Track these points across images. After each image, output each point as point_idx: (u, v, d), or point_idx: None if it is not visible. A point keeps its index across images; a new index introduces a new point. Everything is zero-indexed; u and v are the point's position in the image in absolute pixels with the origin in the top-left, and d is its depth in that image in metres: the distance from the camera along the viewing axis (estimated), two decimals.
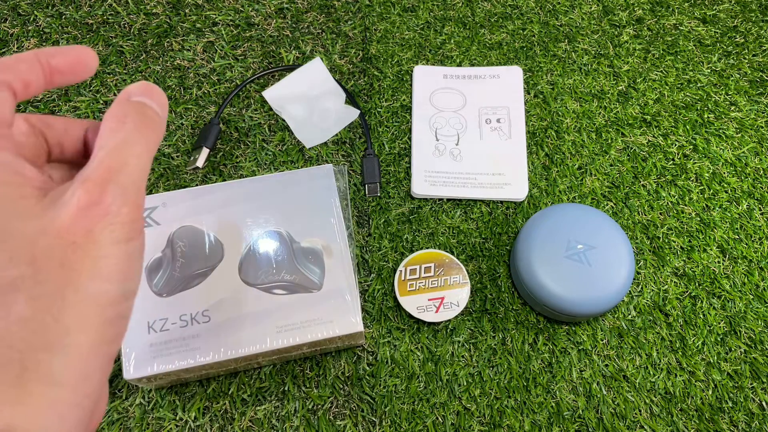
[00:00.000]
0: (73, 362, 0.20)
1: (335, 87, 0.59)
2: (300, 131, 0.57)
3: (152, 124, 0.23)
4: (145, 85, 0.24)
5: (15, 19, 0.63)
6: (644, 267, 0.53)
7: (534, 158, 0.57)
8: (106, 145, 0.22)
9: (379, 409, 0.47)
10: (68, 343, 0.20)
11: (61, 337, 0.20)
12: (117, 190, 0.21)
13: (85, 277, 0.20)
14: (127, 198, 0.21)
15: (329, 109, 0.58)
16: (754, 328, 0.50)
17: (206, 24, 0.63)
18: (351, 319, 0.43)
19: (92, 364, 0.21)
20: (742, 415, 0.47)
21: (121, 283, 0.21)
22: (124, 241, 0.21)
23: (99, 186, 0.21)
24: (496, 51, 0.63)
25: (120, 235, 0.21)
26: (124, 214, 0.21)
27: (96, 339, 0.21)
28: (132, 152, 0.22)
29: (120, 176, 0.21)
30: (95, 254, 0.20)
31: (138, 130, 0.23)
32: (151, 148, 0.23)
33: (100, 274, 0.21)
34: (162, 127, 0.24)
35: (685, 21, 0.66)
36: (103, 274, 0.21)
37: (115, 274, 0.21)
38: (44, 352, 0.19)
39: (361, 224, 0.54)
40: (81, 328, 0.20)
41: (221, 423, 0.46)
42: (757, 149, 0.58)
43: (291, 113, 0.58)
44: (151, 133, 0.23)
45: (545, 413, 0.47)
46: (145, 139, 0.23)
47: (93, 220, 0.20)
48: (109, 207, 0.21)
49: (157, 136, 0.24)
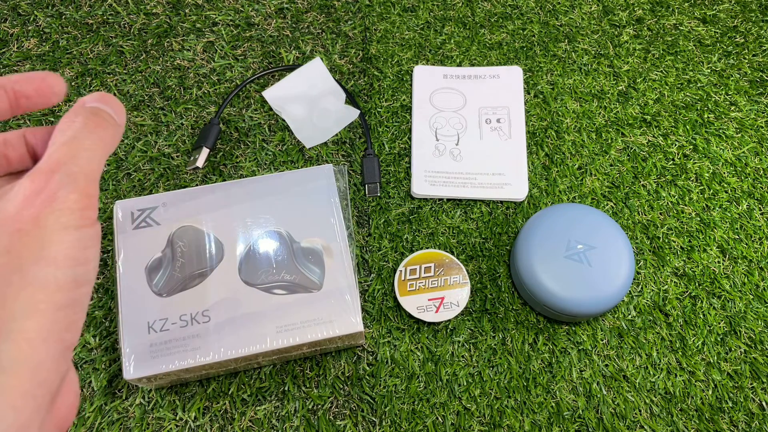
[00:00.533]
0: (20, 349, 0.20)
1: (335, 87, 0.59)
2: (300, 131, 0.57)
3: (105, 123, 0.24)
4: (100, 94, 0.25)
5: (15, 19, 0.63)
6: (644, 267, 0.53)
7: (534, 158, 0.57)
8: (57, 141, 0.23)
9: (379, 409, 0.47)
10: (14, 328, 0.20)
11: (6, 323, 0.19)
12: (64, 179, 0.21)
13: (31, 262, 0.20)
14: (76, 186, 0.22)
15: (329, 109, 0.58)
16: (754, 328, 0.50)
17: (206, 24, 0.63)
18: (351, 319, 0.43)
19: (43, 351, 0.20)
20: (742, 415, 0.47)
21: (71, 268, 0.21)
22: (73, 227, 0.21)
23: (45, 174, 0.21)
24: (496, 51, 0.63)
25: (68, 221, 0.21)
26: (72, 201, 0.21)
27: (45, 325, 0.20)
28: (81, 146, 0.23)
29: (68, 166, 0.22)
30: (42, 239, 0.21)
31: (88, 127, 0.24)
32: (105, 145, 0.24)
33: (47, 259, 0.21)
34: (117, 129, 0.25)
35: (685, 21, 0.66)
36: (51, 259, 0.21)
37: (64, 259, 0.21)
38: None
39: (361, 224, 0.54)
40: (28, 313, 0.20)
41: (221, 423, 0.46)
42: (757, 149, 0.58)
43: (291, 113, 0.58)
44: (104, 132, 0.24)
45: (545, 413, 0.47)
46: (97, 135, 0.24)
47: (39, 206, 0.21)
48: (55, 193, 0.21)
49: (112, 135, 0.24)
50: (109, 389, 0.46)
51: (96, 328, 0.48)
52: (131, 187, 0.54)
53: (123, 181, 0.55)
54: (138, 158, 0.56)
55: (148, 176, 0.55)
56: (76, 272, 0.22)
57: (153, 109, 0.58)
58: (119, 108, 0.25)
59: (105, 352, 0.48)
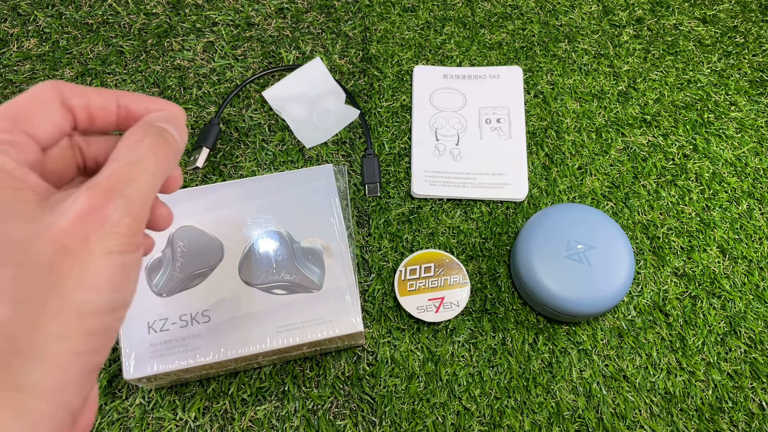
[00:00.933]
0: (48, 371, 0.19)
1: (335, 87, 0.59)
2: (300, 131, 0.57)
3: (169, 147, 0.24)
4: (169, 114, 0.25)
5: (15, 19, 0.63)
6: (644, 267, 0.53)
7: (534, 158, 0.57)
8: (120, 158, 0.22)
9: (379, 409, 0.47)
10: (46, 351, 0.19)
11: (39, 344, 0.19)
12: (121, 201, 0.21)
13: (71, 285, 0.20)
14: (130, 210, 0.21)
15: (329, 109, 0.58)
16: (754, 328, 0.50)
17: (206, 24, 0.63)
18: (351, 319, 0.43)
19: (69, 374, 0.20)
20: (742, 415, 0.47)
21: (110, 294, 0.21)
22: (118, 252, 0.21)
23: (104, 194, 0.21)
24: (496, 51, 0.63)
25: (115, 245, 0.21)
26: (124, 226, 0.21)
27: (76, 349, 0.20)
28: (144, 169, 0.22)
29: (127, 188, 0.21)
30: (86, 262, 0.20)
31: (154, 149, 0.23)
32: (164, 170, 0.23)
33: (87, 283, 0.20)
34: (178, 154, 0.24)
35: (685, 21, 0.66)
36: (91, 284, 0.20)
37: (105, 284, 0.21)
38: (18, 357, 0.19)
39: (361, 224, 0.54)
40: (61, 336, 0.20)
41: (221, 423, 0.46)
42: (757, 149, 0.58)
43: (291, 113, 0.58)
44: (167, 156, 0.23)
45: (545, 413, 0.47)
46: (160, 159, 0.23)
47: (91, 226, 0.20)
48: (109, 216, 0.20)
49: (173, 159, 0.24)
50: (109, 389, 0.46)
51: None
52: None
53: None
54: None
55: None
56: (114, 298, 0.21)
57: None
58: (183, 132, 0.25)
59: None
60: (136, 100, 0.25)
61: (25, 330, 0.19)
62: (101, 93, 0.24)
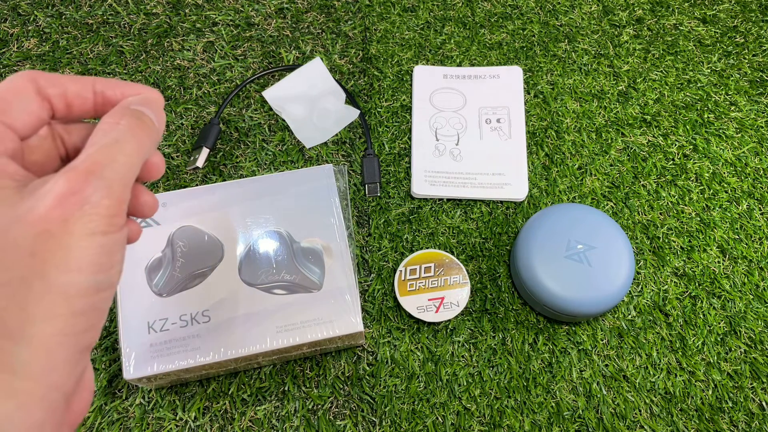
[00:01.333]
0: (36, 353, 0.20)
1: (335, 87, 0.59)
2: (300, 131, 0.57)
3: (146, 128, 0.24)
4: (145, 97, 0.25)
5: (15, 19, 0.63)
6: (644, 267, 0.53)
7: (534, 158, 0.57)
8: (98, 142, 0.22)
9: (379, 409, 0.47)
10: (33, 333, 0.20)
11: (26, 327, 0.19)
12: (100, 182, 0.21)
13: (53, 267, 0.20)
14: (109, 191, 0.21)
15: (329, 109, 0.58)
16: (754, 328, 0.50)
17: (206, 24, 0.63)
18: (351, 319, 0.43)
19: (59, 355, 0.20)
20: (742, 415, 0.47)
21: (94, 274, 0.21)
22: (100, 233, 0.21)
23: (82, 176, 0.21)
24: (496, 51, 0.63)
25: (96, 226, 0.21)
26: (104, 207, 0.21)
27: (63, 330, 0.20)
28: (122, 150, 0.22)
29: (106, 170, 0.21)
30: (68, 244, 0.20)
31: (131, 130, 0.23)
32: (143, 151, 0.23)
33: (69, 265, 0.20)
34: (157, 135, 0.24)
35: (685, 21, 0.66)
36: (74, 265, 0.20)
37: (88, 265, 0.21)
38: (7, 339, 0.19)
39: (361, 224, 0.54)
40: (47, 318, 0.20)
41: (221, 423, 0.46)
42: (757, 149, 0.58)
43: (291, 113, 0.58)
44: (145, 137, 0.24)
45: (545, 413, 0.47)
46: (138, 140, 0.23)
47: (70, 208, 0.20)
48: (88, 197, 0.21)
49: (151, 141, 0.24)
50: (109, 389, 0.46)
51: None
52: None
53: None
54: None
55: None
56: (99, 278, 0.21)
57: None
58: (161, 115, 0.25)
59: (105, 352, 0.48)
60: (112, 86, 0.25)
61: (12, 312, 0.19)
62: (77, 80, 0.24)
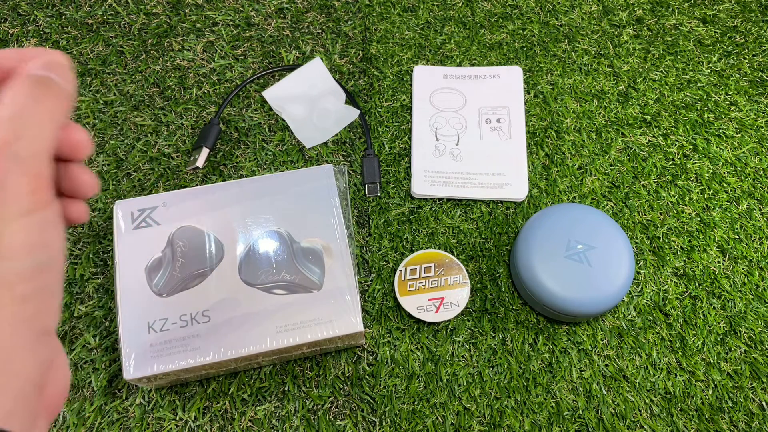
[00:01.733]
0: None
1: (335, 87, 0.59)
2: (300, 131, 0.57)
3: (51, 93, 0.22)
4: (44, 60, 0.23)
5: (15, 19, 0.63)
6: (644, 267, 0.53)
7: (534, 158, 0.57)
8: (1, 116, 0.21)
9: (379, 409, 0.47)
10: None
11: None
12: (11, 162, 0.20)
13: None
14: (25, 169, 0.20)
15: (329, 109, 0.58)
16: (754, 328, 0.50)
17: (206, 24, 0.63)
18: (351, 319, 0.43)
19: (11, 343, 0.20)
20: (742, 415, 0.47)
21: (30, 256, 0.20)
22: (25, 213, 0.20)
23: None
24: (496, 51, 0.63)
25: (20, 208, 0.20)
26: (23, 185, 0.20)
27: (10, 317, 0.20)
28: (27, 122, 0.21)
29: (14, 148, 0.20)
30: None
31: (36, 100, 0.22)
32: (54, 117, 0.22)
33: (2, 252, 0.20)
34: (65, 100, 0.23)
35: (685, 21, 0.66)
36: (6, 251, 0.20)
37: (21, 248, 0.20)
38: None
39: (361, 224, 0.54)
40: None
41: (221, 423, 0.46)
42: (757, 149, 0.58)
43: (291, 113, 0.58)
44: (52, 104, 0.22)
45: (545, 413, 0.47)
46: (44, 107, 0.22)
47: None
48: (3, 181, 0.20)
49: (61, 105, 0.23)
50: (109, 389, 0.46)
51: (96, 328, 0.48)
52: (131, 187, 0.54)
53: (123, 181, 0.55)
54: (138, 158, 0.56)
55: (148, 176, 0.55)
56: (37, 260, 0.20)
57: (153, 109, 0.58)
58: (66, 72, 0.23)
59: (105, 352, 0.48)
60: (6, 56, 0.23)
61: None
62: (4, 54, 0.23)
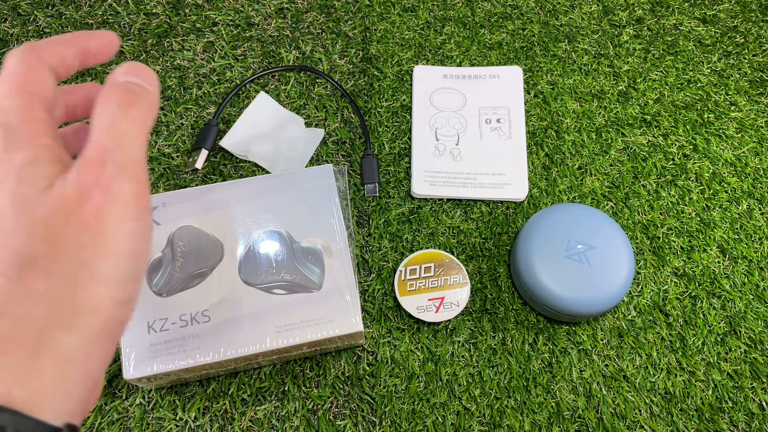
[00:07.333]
0: (83, 341, 0.20)
1: (289, 114, 0.58)
2: (274, 167, 0.55)
3: (140, 99, 0.24)
4: (128, 65, 0.24)
5: (15, 19, 0.63)
6: (644, 267, 0.53)
7: (534, 158, 0.57)
8: (97, 127, 0.22)
9: (379, 409, 0.47)
10: (80, 324, 0.20)
11: (76, 317, 0.20)
12: (114, 169, 0.21)
13: (97, 258, 0.21)
14: (127, 175, 0.22)
15: (295, 137, 0.56)
16: (754, 328, 0.50)
17: (206, 24, 0.63)
18: (351, 319, 0.43)
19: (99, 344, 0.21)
20: (742, 415, 0.47)
21: (130, 263, 0.22)
22: (131, 219, 0.22)
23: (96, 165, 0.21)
24: (496, 51, 0.63)
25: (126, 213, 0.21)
26: (127, 191, 0.21)
27: (106, 320, 0.21)
28: (121, 130, 0.22)
29: (114, 155, 0.22)
30: (105, 234, 0.21)
31: (125, 107, 0.23)
32: (143, 123, 0.23)
33: (110, 255, 0.21)
34: (153, 100, 0.24)
35: (685, 21, 0.66)
36: (113, 255, 0.21)
37: (124, 255, 0.21)
38: (60, 329, 0.20)
39: (361, 224, 0.54)
40: (94, 308, 0.20)
41: (221, 423, 0.46)
42: (757, 149, 0.58)
43: (258, 153, 0.55)
44: (141, 109, 0.23)
45: (545, 413, 0.47)
46: (135, 115, 0.23)
47: (99, 199, 0.21)
48: (110, 185, 0.21)
49: (147, 110, 0.24)
50: (109, 389, 0.46)
51: None
52: None
53: None
54: None
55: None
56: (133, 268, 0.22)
57: None
58: (150, 77, 0.24)
59: None
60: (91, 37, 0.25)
61: (63, 303, 0.20)
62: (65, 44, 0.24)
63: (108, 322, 0.21)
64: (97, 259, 0.21)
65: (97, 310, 0.21)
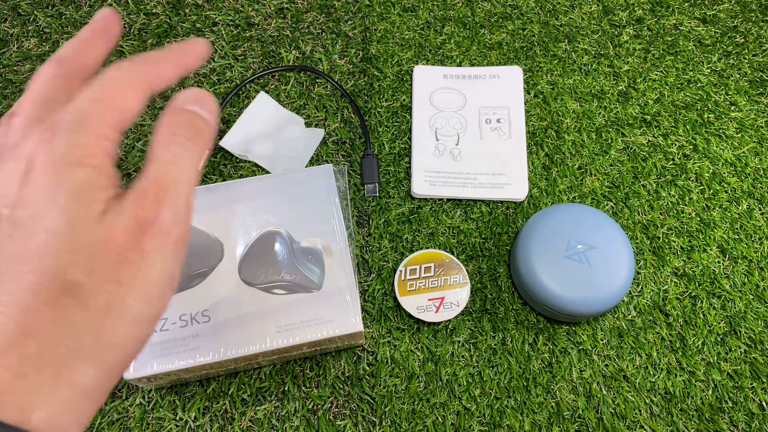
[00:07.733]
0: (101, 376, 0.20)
1: (290, 114, 0.58)
2: (275, 167, 0.55)
3: (202, 135, 0.23)
4: (195, 93, 0.24)
5: (15, 19, 0.63)
6: (644, 267, 0.53)
7: (534, 158, 0.57)
8: (158, 157, 0.22)
9: (379, 409, 0.47)
10: (104, 359, 0.20)
11: (100, 352, 0.20)
12: (170, 210, 0.21)
13: (132, 298, 0.20)
14: (178, 217, 0.21)
15: (295, 137, 0.56)
16: (754, 328, 0.50)
17: (206, 24, 0.63)
18: (351, 319, 0.43)
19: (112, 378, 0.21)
20: (742, 415, 0.47)
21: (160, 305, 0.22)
22: (171, 261, 0.21)
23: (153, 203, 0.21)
24: (496, 51, 0.63)
25: (169, 256, 0.21)
26: (175, 235, 0.21)
27: (126, 357, 0.21)
28: (182, 168, 0.22)
29: (171, 195, 0.21)
30: (144, 274, 0.21)
31: (188, 143, 0.23)
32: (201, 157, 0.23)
33: (144, 296, 0.21)
34: (211, 135, 0.24)
35: (685, 21, 0.66)
36: (146, 297, 0.21)
37: (157, 297, 0.21)
38: (82, 361, 0.20)
39: (361, 224, 0.54)
40: (119, 346, 0.21)
41: (221, 423, 0.46)
42: (757, 149, 0.58)
43: (258, 153, 0.55)
44: (201, 146, 0.23)
45: (545, 413, 0.47)
46: (195, 152, 0.23)
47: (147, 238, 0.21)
48: (161, 226, 0.21)
49: (207, 146, 0.24)
50: None
51: None
52: None
53: (123, 181, 0.55)
54: (138, 158, 0.56)
55: None
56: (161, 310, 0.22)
57: (153, 109, 0.58)
58: (213, 108, 0.24)
59: None
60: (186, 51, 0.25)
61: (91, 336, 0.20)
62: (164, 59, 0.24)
63: (127, 360, 0.21)
64: (132, 299, 0.20)
65: (121, 348, 0.21)
